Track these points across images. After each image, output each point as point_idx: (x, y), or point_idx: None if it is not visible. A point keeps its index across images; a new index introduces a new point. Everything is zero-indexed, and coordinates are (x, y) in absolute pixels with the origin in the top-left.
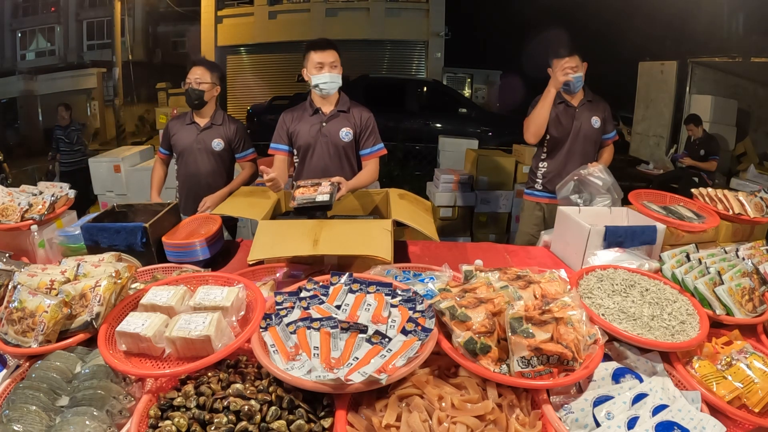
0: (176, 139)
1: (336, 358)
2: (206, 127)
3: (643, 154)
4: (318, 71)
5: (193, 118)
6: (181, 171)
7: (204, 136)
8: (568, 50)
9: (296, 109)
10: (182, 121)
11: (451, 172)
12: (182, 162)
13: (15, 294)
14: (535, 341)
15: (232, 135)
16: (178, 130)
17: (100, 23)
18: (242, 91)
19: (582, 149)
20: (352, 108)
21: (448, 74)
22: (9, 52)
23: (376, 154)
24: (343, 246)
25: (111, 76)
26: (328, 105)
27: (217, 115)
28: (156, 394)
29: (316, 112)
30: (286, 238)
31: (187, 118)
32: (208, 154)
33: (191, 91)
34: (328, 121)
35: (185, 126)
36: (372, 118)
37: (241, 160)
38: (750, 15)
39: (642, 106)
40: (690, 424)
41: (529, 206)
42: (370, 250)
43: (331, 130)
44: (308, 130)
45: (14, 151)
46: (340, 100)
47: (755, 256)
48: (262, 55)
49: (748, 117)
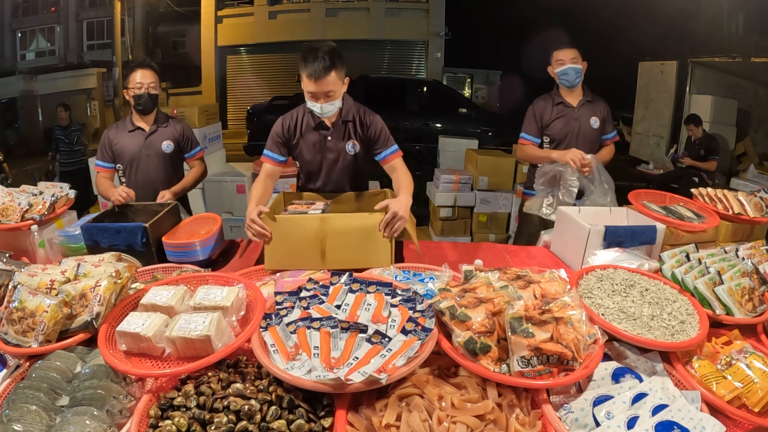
0: (120, 148)
1: (336, 357)
2: (152, 131)
3: (643, 154)
4: (311, 99)
5: (135, 123)
6: (131, 180)
7: (152, 140)
8: (568, 43)
9: (296, 117)
10: (122, 129)
11: (451, 172)
12: (132, 171)
13: (15, 294)
14: (535, 341)
15: (179, 135)
16: (121, 139)
17: (100, 23)
18: (242, 91)
19: (581, 149)
20: (357, 115)
21: (448, 74)
22: (9, 52)
23: (396, 155)
24: (348, 260)
25: (111, 76)
26: (331, 117)
27: (159, 117)
28: (156, 393)
29: (320, 125)
30: (295, 246)
31: (128, 125)
32: (158, 158)
33: (147, 97)
34: (333, 134)
35: (128, 133)
36: (379, 122)
37: (191, 159)
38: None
39: (642, 106)
40: (690, 424)
41: None
42: (372, 262)
43: (338, 143)
44: (312, 144)
45: (14, 151)
46: (344, 107)
47: (755, 256)
48: (262, 55)
49: (748, 117)
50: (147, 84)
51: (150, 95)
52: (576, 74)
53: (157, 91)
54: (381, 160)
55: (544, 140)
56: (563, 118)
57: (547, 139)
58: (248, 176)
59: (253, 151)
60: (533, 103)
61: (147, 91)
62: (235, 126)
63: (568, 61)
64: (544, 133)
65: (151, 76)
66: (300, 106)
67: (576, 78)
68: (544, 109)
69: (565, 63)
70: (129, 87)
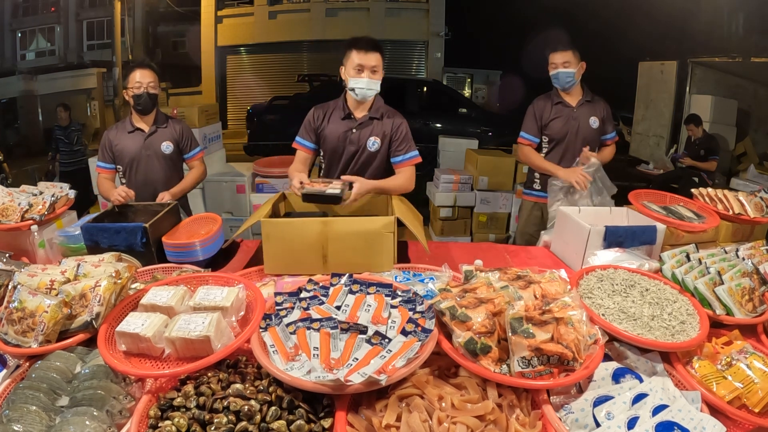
0: (120, 149)
1: (336, 358)
2: (152, 132)
3: (643, 154)
4: (357, 74)
5: (135, 124)
6: (131, 181)
7: (152, 141)
8: (564, 45)
9: (328, 107)
10: (122, 130)
11: (451, 172)
12: (132, 172)
13: (15, 294)
14: (535, 341)
15: (178, 136)
16: (121, 140)
17: (100, 23)
18: (242, 91)
19: (580, 149)
20: (385, 115)
21: (448, 74)
22: (9, 52)
23: (409, 162)
24: (350, 264)
25: (111, 76)
26: (361, 110)
27: (159, 118)
28: (156, 394)
29: (348, 116)
30: (295, 250)
31: (128, 126)
32: (158, 159)
33: (146, 96)
34: (358, 127)
35: (128, 134)
36: (404, 125)
37: (190, 160)
38: (750, 15)
39: (642, 106)
40: (690, 425)
41: (527, 206)
42: (374, 266)
43: (361, 137)
44: (337, 133)
45: (14, 151)
46: (374, 104)
47: (755, 256)
48: (262, 55)
49: (748, 117)
50: (146, 83)
51: (149, 95)
52: (567, 78)
53: (156, 91)
54: (396, 164)
55: (543, 140)
56: (562, 118)
57: (545, 138)
58: (248, 176)
59: (253, 151)
60: (533, 103)
61: (146, 91)
62: (235, 126)
63: (559, 65)
64: (543, 132)
65: (150, 75)
66: (333, 100)
67: (567, 82)
68: (543, 109)
69: (557, 67)
70: (128, 87)
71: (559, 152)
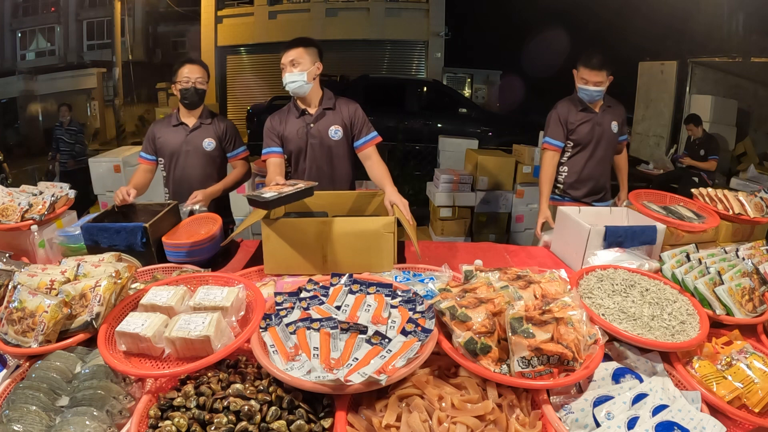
0: (163, 142)
1: (336, 358)
2: (195, 127)
3: (643, 154)
4: (282, 73)
5: (180, 119)
6: (170, 176)
7: (194, 137)
8: (599, 65)
9: (281, 113)
10: (167, 123)
11: (451, 172)
12: (172, 166)
13: (15, 294)
14: (535, 341)
15: (222, 134)
16: (164, 133)
17: (100, 23)
18: (242, 91)
19: (603, 154)
20: (337, 103)
21: (448, 74)
22: (9, 52)
23: (372, 142)
24: (350, 264)
25: (111, 76)
26: (312, 105)
27: (205, 114)
28: (156, 394)
29: (303, 113)
30: (295, 250)
31: (173, 120)
32: (199, 155)
33: (193, 91)
34: (315, 121)
35: (172, 128)
36: (360, 109)
37: (233, 159)
38: (750, 15)
39: (642, 106)
40: (690, 425)
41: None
42: (374, 266)
43: (320, 130)
44: (296, 133)
45: (14, 151)
46: (324, 97)
47: (755, 256)
48: (262, 55)
49: (748, 117)
50: (194, 79)
51: (196, 90)
52: (596, 95)
53: (204, 87)
54: (358, 148)
55: (568, 144)
56: (588, 123)
57: (570, 144)
58: None
59: (253, 151)
60: (555, 108)
61: (194, 86)
62: None
63: (591, 83)
64: (569, 137)
65: (199, 71)
66: (286, 105)
67: (595, 98)
68: (568, 113)
69: (587, 83)
70: (176, 81)
71: (584, 156)
